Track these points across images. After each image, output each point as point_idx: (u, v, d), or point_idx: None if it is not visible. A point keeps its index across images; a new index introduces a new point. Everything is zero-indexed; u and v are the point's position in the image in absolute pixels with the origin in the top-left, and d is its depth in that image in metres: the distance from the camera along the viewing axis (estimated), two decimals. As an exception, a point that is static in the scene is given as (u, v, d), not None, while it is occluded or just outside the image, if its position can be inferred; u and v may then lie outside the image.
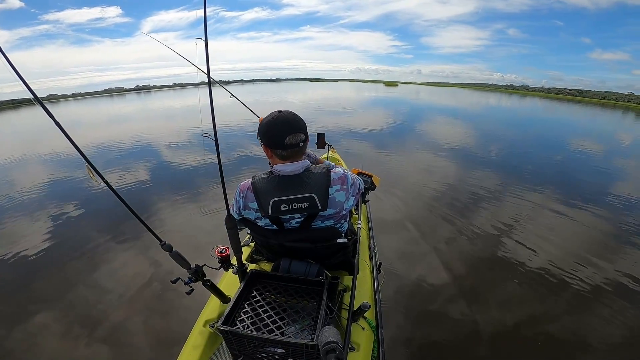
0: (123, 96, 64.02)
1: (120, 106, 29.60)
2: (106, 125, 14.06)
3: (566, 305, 2.43)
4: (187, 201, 4.24)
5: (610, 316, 2.31)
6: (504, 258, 2.99)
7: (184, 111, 17.94)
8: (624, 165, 7.35)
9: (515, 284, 2.63)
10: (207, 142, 1.01)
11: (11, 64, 0.76)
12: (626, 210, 4.29)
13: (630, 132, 15.48)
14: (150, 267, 2.74)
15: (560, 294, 2.54)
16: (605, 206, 4.39)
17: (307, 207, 1.06)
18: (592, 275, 2.75)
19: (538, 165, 6.71)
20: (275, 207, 1.06)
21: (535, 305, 2.41)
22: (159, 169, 5.99)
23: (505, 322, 2.22)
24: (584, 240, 3.45)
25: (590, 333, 2.17)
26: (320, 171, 1.11)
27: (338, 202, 1.11)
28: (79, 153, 0.88)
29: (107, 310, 2.30)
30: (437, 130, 11.24)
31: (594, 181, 5.69)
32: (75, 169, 5.92)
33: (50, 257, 3.04)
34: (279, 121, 1.07)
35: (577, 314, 2.34)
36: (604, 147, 9.68)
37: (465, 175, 5.57)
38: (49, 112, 0.85)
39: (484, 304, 2.40)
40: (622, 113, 30.79)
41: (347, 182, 1.13)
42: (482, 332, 2.14)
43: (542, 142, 9.95)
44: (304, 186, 1.07)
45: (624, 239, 3.49)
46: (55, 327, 2.17)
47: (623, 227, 3.75)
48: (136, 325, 2.16)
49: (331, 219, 1.14)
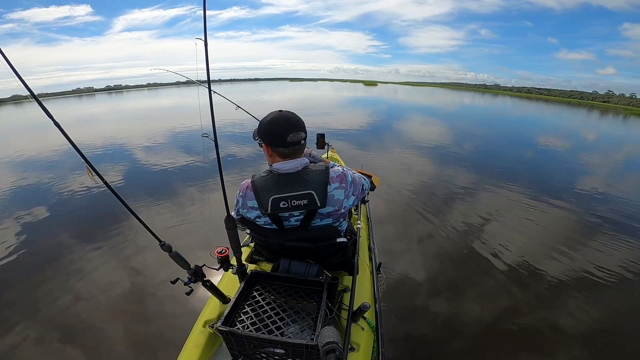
0: (93, 96, 61.36)
1: (92, 106, 28.58)
2: (89, 125, 13.82)
3: (538, 295, 2.54)
4: (186, 200, 4.25)
5: (582, 304, 2.42)
6: (478, 252, 3.10)
7: (161, 112, 17.82)
8: (590, 161, 7.84)
9: (490, 277, 2.73)
10: (205, 142, 1.01)
11: (10, 64, 0.76)
12: (593, 202, 4.60)
13: (594, 129, 16.96)
14: (127, 271, 2.71)
15: (533, 285, 2.66)
16: (574, 200, 4.70)
17: (305, 204, 1.07)
18: (562, 267, 2.90)
19: (510, 162, 7.03)
20: (275, 204, 1.07)
21: (511, 296, 2.50)
22: (159, 170, 5.97)
23: (482, 314, 2.30)
24: (554, 233, 3.63)
25: (563, 321, 2.26)
26: (318, 169, 1.12)
27: (337, 200, 1.12)
28: (78, 153, 0.88)
29: (87, 317, 2.24)
30: (416, 129, 11.49)
31: (563, 177, 6.00)
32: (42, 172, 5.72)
33: (19, 266, 2.90)
34: (281, 120, 1.08)
35: (549, 304, 2.44)
36: (571, 143, 10.31)
37: (441, 173, 5.78)
38: (48, 112, 0.84)
39: (461, 297, 2.48)
40: (587, 111, 33.21)
41: (346, 181, 1.14)
42: (460, 324, 2.21)
43: (514, 139, 10.46)
44: (302, 183, 1.07)
45: (592, 230, 3.71)
46: (33, 337, 2.10)
47: (590, 220, 3.99)
48: (115, 332, 2.13)
49: (330, 217, 1.14)
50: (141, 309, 2.30)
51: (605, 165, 7.60)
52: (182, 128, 10.33)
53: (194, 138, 8.51)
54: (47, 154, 7.29)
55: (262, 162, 5.81)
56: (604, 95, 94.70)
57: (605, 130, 17.14)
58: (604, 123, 21.67)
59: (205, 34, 0.94)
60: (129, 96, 47.47)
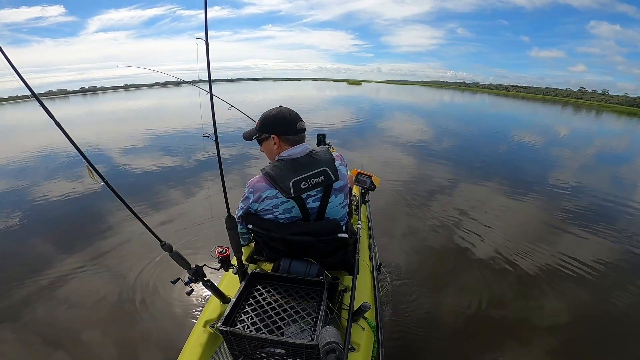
0: (66, 98, 57.48)
1: (69, 109, 25.92)
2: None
3: (516, 287, 2.61)
4: (186, 200, 4.24)
5: (558, 295, 2.52)
6: (457, 245, 3.19)
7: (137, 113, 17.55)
8: (565, 155, 8.18)
9: (470, 270, 2.80)
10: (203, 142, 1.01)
11: (10, 63, 0.76)
12: (566, 195, 4.82)
13: (568, 124, 17.81)
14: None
15: (510, 276, 2.73)
16: (548, 193, 4.91)
17: (323, 181, 1.16)
18: (539, 258, 2.98)
19: (489, 157, 7.28)
20: (296, 186, 1.12)
21: (489, 288, 2.57)
22: (159, 170, 5.97)
23: (463, 306, 2.35)
24: (530, 225, 3.75)
25: (539, 312, 2.33)
26: (323, 149, 1.27)
27: (344, 175, 1.25)
28: (78, 153, 0.88)
29: (79, 322, 2.21)
30: (402, 127, 11.59)
31: (539, 171, 6.24)
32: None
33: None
34: (287, 111, 1.21)
35: (526, 295, 2.52)
36: (546, 139, 10.65)
37: (422, 169, 5.96)
38: (49, 111, 0.84)
39: (443, 290, 2.53)
40: (562, 107, 34.44)
41: (344, 159, 1.31)
42: (440, 314, 2.26)
43: (494, 136, 10.74)
44: (315, 163, 1.17)
45: (566, 222, 3.86)
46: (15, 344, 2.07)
47: (564, 211, 4.16)
48: (115, 332, 2.12)
49: (342, 192, 1.26)
50: (141, 309, 2.30)
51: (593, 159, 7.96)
52: (183, 128, 10.32)
53: (195, 138, 8.50)
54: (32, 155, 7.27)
55: (255, 163, 5.86)
56: (577, 92, 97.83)
57: (594, 126, 17.95)
58: (590, 120, 22.45)
59: (207, 34, 0.94)
60: (105, 98, 45.70)
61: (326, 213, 1.23)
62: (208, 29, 0.95)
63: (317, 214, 1.22)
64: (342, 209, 1.29)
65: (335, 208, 1.25)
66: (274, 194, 1.16)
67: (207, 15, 0.95)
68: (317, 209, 1.21)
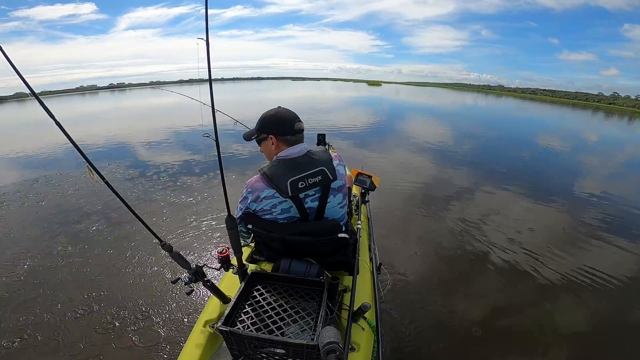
0: (96, 94, 59.54)
1: (96, 104, 27.52)
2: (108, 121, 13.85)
3: (536, 294, 2.56)
4: (188, 200, 4.24)
5: (577, 305, 2.46)
6: (478, 251, 3.14)
7: (161, 111, 17.43)
8: (592, 162, 7.91)
9: (489, 275, 2.77)
10: (202, 142, 1.02)
11: (10, 63, 0.76)
12: (591, 205, 4.61)
13: (598, 130, 17.20)
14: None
15: (531, 284, 2.69)
16: (575, 201, 4.75)
17: (320, 180, 1.16)
18: (561, 267, 2.91)
19: (518, 164, 7.02)
20: (294, 186, 1.13)
21: (509, 295, 2.54)
22: (159, 170, 5.97)
23: (479, 313, 2.30)
24: (552, 233, 3.65)
25: (559, 321, 2.27)
26: (321, 149, 1.26)
27: (342, 175, 1.25)
28: (78, 152, 0.87)
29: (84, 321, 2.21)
30: (425, 129, 11.47)
31: (566, 178, 6.08)
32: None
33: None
34: (285, 112, 1.22)
35: (547, 303, 2.46)
36: (573, 144, 10.45)
37: (444, 173, 5.84)
38: (49, 111, 0.84)
39: (459, 296, 2.50)
40: (592, 113, 32.64)
41: (342, 159, 1.31)
42: (452, 321, 2.23)
43: (528, 141, 10.35)
44: (313, 162, 1.17)
45: (588, 232, 3.73)
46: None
47: (587, 222, 4.00)
48: (115, 332, 2.11)
49: (340, 192, 1.25)
50: (141, 309, 2.30)
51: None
52: (185, 128, 10.30)
53: (195, 138, 8.47)
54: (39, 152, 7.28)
55: (255, 165, 5.82)
56: (610, 97, 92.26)
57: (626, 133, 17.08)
58: (622, 125, 21.49)
59: (207, 33, 0.94)
60: (131, 94, 46.86)
61: (325, 213, 1.23)
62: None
63: (316, 214, 1.22)
64: (341, 209, 1.29)
65: (334, 208, 1.24)
66: (272, 193, 1.16)
67: (207, 15, 0.95)
68: (315, 209, 1.21)
